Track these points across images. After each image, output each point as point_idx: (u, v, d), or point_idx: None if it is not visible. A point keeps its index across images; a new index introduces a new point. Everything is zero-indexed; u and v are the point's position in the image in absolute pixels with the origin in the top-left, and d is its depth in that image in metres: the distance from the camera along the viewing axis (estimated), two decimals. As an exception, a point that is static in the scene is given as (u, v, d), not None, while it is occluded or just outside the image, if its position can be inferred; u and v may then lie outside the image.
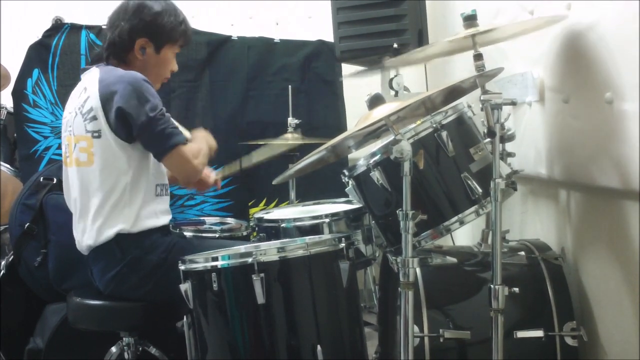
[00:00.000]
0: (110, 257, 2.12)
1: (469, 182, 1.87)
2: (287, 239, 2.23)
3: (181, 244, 2.18)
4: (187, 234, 2.53)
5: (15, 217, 2.65)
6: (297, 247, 1.90)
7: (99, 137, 2.09)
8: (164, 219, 2.22)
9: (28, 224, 2.61)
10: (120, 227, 2.10)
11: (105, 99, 2.07)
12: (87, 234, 2.14)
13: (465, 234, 2.84)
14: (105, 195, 2.10)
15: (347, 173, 2.03)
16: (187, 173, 2.15)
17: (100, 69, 2.17)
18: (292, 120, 3.14)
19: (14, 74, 3.21)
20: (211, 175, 2.46)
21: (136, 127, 2.05)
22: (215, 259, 1.88)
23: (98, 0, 3.23)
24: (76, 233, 2.22)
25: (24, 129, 3.22)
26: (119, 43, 2.19)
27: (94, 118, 2.09)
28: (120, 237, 2.11)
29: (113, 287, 2.15)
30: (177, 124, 2.17)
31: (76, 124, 2.15)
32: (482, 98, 1.77)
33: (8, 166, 3.20)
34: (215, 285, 1.85)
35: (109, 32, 2.22)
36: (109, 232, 2.10)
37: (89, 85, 2.14)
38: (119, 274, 2.12)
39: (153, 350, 2.31)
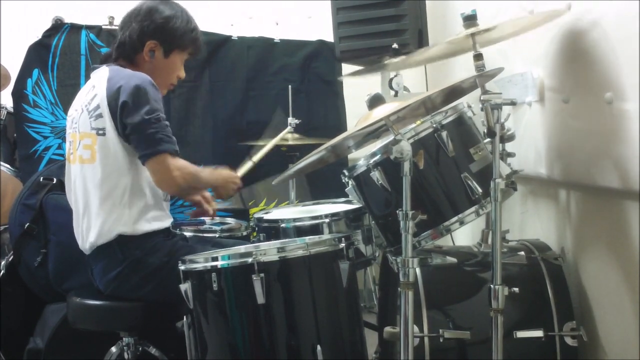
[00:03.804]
0: (111, 257, 2.13)
1: (469, 182, 1.87)
2: (287, 239, 2.23)
3: (184, 248, 2.18)
4: (187, 234, 2.52)
5: (15, 217, 2.65)
6: (297, 247, 1.90)
7: (103, 134, 2.10)
8: (167, 222, 2.22)
9: (28, 224, 2.61)
10: (121, 230, 2.10)
11: (112, 97, 2.07)
12: (91, 232, 2.14)
13: (465, 234, 2.84)
14: (106, 194, 2.10)
15: (347, 173, 2.03)
16: (165, 183, 2.09)
17: (109, 68, 2.18)
18: (292, 120, 3.14)
19: (14, 74, 3.21)
20: (212, 205, 2.48)
21: (129, 126, 2.05)
22: (215, 259, 1.88)
23: (98, 0, 3.24)
24: (77, 231, 2.22)
25: (24, 129, 3.22)
26: (129, 43, 2.20)
27: (100, 116, 2.10)
28: (121, 238, 2.11)
29: (113, 288, 2.15)
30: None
31: (82, 121, 2.16)
32: (482, 98, 1.77)
33: (8, 166, 3.20)
34: (215, 285, 1.85)
35: (120, 32, 2.23)
36: (110, 234, 2.10)
37: (98, 83, 2.15)
38: (120, 275, 2.12)
39: (153, 350, 2.31)
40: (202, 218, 2.89)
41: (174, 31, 2.21)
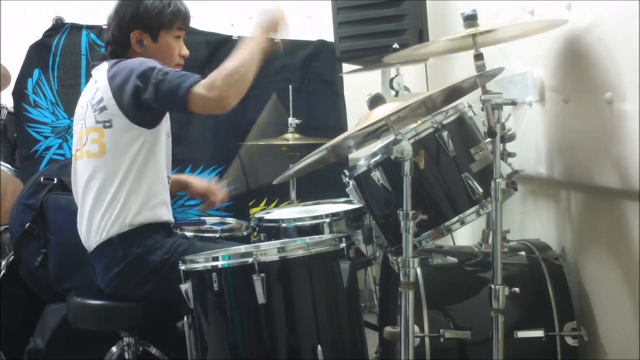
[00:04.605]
0: (112, 256, 2.12)
1: (470, 182, 1.87)
2: (287, 239, 2.23)
3: (184, 245, 2.18)
4: (188, 233, 2.52)
5: (16, 217, 2.65)
6: (297, 247, 1.90)
7: (110, 126, 2.11)
8: (168, 215, 2.22)
9: (28, 224, 2.61)
10: (123, 223, 2.10)
11: (116, 86, 2.09)
12: (94, 227, 2.14)
13: (465, 234, 2.84)
14: (117, 187, 2.10)
15: (347, 173, 2.03)
16: (212, 109, 2.05)
17: (109, 62, 2.20)
18: (292, 120, 3.14)
19: (14, 74, 3.21)
20: (217, 195, 2.53)
21: (149, 98, 2.03)
22: (215, 258, 1.88)
23: (98, 0, 3.24)
24: (81, 229, 2.21)
25: (24, 128, 3.22)
26: (114, 42, 2.22)
27: (104, 108, 2.11)
28: (123, 235, 2.11)
29: (115, 286, 2.15)
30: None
31: (87, 117, 2.17)
32: (482, 98, 1.77)
33: (8, 166, 3.20)
34: (215, 285, 1.85)
35: (105, 34, 2.27)
36: (113, 228, 2.10)
37: (99, 78, 2.17)
38: (121, 273, 2.12)
39: (153, 350, 2.31)
40: (203, 218, 2.89)
41: (149, 13, 2.19)
